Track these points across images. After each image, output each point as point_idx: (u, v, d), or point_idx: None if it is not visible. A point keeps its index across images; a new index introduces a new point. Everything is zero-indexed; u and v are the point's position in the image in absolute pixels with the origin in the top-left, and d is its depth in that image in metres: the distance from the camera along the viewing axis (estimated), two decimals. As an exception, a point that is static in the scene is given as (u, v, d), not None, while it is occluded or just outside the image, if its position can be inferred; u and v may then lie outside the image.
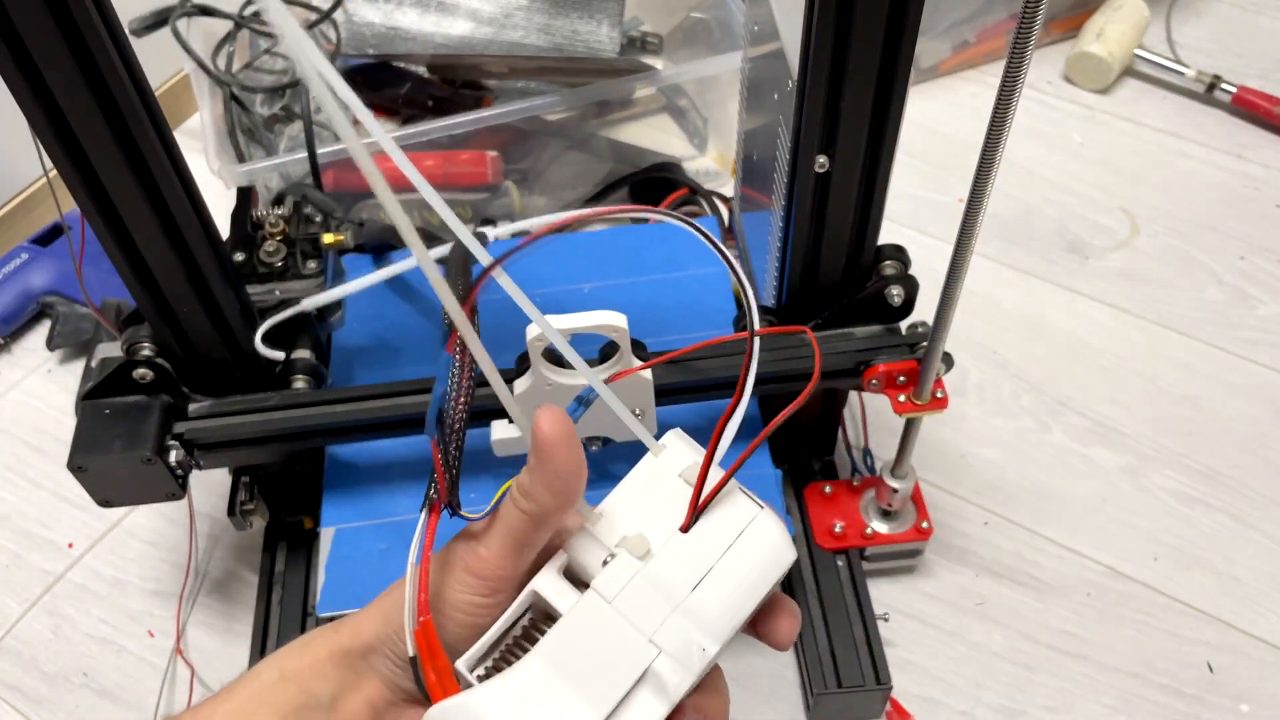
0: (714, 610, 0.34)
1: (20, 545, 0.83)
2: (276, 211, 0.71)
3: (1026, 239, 1.01)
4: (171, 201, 0.55)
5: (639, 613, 0.34)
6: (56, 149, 0.51)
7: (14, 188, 1.02)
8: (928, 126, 1.11)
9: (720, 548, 0.35)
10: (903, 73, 0.53)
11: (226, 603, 0.79)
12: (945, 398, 0.65)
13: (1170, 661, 0.74)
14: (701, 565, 0.35)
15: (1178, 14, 1.22)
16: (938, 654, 0.75)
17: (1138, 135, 1.10)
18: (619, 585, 0.34)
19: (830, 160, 0.57)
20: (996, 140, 0.48)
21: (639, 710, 0.33)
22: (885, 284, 0.64)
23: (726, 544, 0.35)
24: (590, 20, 0.95)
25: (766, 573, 0.35)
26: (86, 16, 0.47)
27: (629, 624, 0.33)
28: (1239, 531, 0.80)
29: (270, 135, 0.92)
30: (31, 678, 0.76)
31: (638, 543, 0.35)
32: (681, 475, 0.36)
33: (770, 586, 0.35)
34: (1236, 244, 1.00)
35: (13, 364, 0.95)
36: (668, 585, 0.34)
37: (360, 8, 0.94)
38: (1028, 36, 0.43)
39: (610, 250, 0.81)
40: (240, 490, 0.71)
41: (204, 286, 0.60)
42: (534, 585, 0.35)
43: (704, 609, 0.34)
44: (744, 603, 0.35)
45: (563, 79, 0.98)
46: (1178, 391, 0.89)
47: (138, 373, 0.62)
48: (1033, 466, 0.84)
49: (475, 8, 0.95)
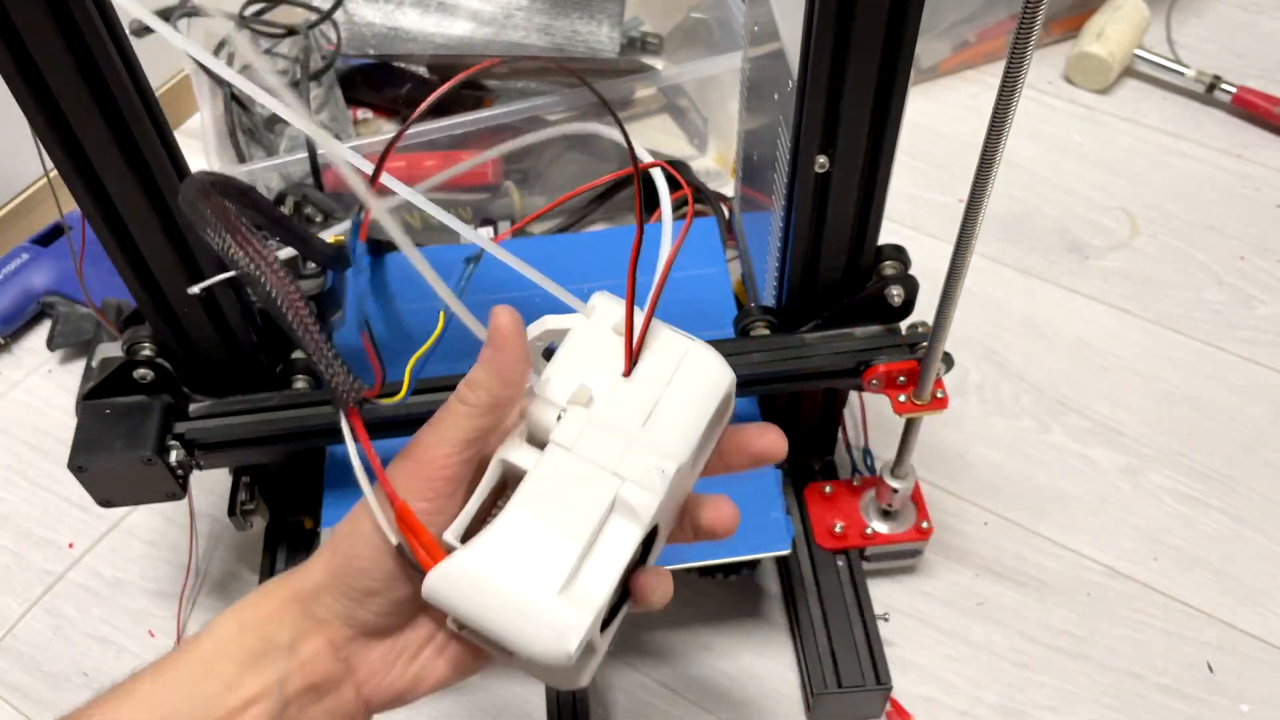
0: (667, 436, 0.37)
1: (20, 545, 0.83)
2: (277, 211, 0.71)
3: (1026, 239, 1.01)
4: (172, 202, 0.55)
5: (598, 453, 0.36)
6: (56, 149, 0.51)
7: (14, 188, 1.02)
8: (928, 126, 1.11)
9: (661, 382, 0.38)
10: (903, 73, 0.53)
11: (227, 603, 0.79)
12: (945, 398, 0.65)
13: (1170, 661, 0.74)
14: (647, 401, 0.38)
15: (1178, 14, 1.22)
16: (938, 654, 0.75)
17: (1138, 135, 1.10)
18: (575, 433, 0.37)
19: (830, 160, 0.57)
20: (996, 140, 0.48)
21: (615, 535, 0.36)
22: (885, 284, 0.64)
23: (666, 378, 0.38)
24: (590, 20, 0.95)
25: (708, 395, 0.38)
26: (86, 16, 0.47)
27: (591, 464, 0.36)
28: (1239, 531, 0.80)
29: (270, 135, 0.92)
30: (32, 678, 0.76)
31: (583, 394, 0.37)
32: (614, 329, 0.39)
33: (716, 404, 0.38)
34: (1236, 244, 1.00)
35: (13, 364, 0.95)
36: (619, 424, 0.37)
37: (360, 8, 0.94)
38: (1028, 36, 0.43)
39: (610, 250, 0.81)
40: (241, 490, 0.71)
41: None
42: (500, 454, 0.38)
43: (657, 437, 0.37)
44: (694, 424, 0.38)
45: (563, 79, 0.98)
46: (1178, 391, 0.89)
47: (138, 373, 0.62)
48: (1033, 466, 0.84)
49: (475, 8, 0.95)
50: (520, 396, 0.38)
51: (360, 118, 0.99)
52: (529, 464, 0.37)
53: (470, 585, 0.35)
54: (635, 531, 0.36)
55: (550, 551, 0.35)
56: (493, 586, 0.35)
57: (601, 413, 0.37)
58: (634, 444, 0.37)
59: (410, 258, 0.37)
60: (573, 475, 0.36)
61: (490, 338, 0.38)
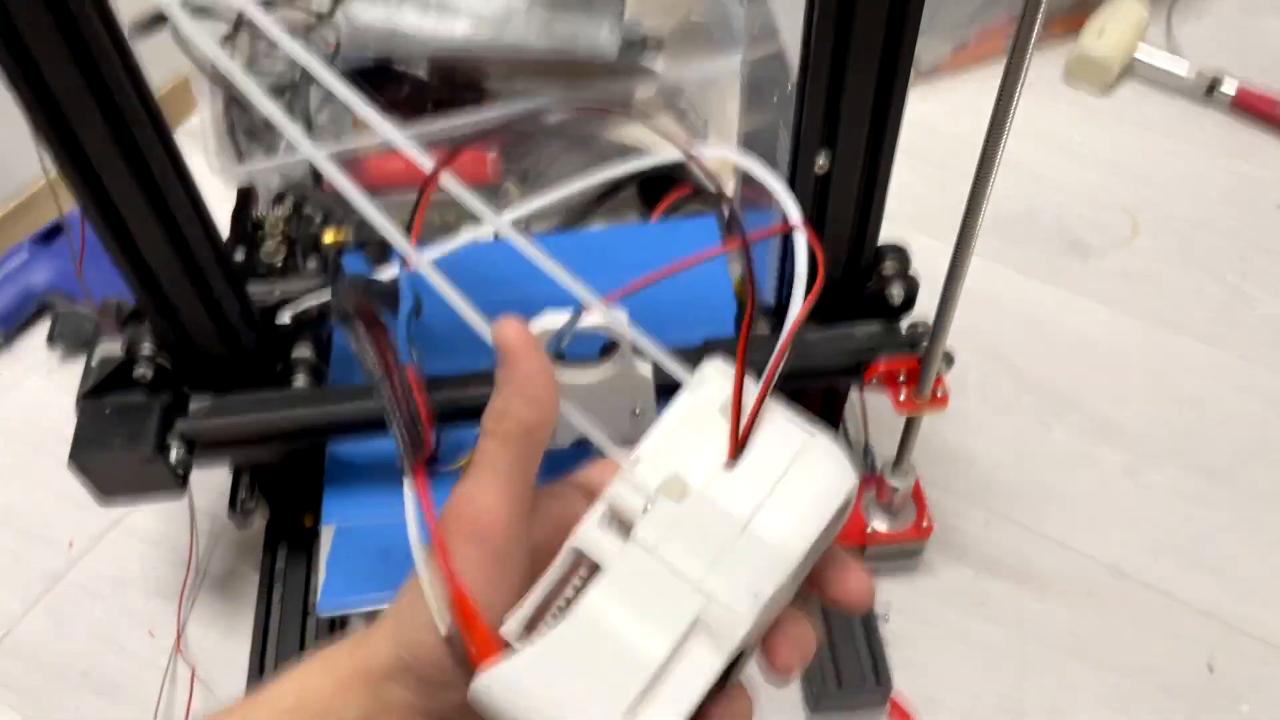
0: (766, 549, 0.32)
1: (21, 545, 0.83)
2: (276, 211, 0.71)
3: (1026, 239, 1.01)
4: (171, 201, 0.55)
5: (685, 561, 0.31)
6: (56, 149, 0.51)
7: (14, 188, 1.02)
8: (928, 126, 1.11)
9: (769, 480, 0.32)
10: (903, 73, 0.53)
11: (227, 601, 0.79)
12: (946, 396, 0.65)
13: (1170, 661, 0.74)
14: (750, 502, 0.32)
15: (1178, 14, 1.22)
16: (938, 654, 0.75)
17: (1138, 135, 1.10)
18: (661, 532, 0.32)
19: (830, 160, 0.57)
20: (996, 140, 0.48)
21: (692, 664, 0.31)
22: (885, 283, 0.64)
23: (776, 475, 0.32)
24: (590, 21, 0.95)
25: (823, 503, 0.33)
26: (86, 16, 0.47)
27: (673, 573, 0.31)
28: (1239, 531, 0.80)
29: (270, 135, 0.92)
30: (32, 676, 0.76)
31: (676, 486, 0.32)
32: (721, 409, 0.34)
33: (830, 517, 0.33)
34: (1236, 244, 1.00)
35: (13, 363, 0.95)
36: (714, 528, 0.32)
37: (360, 9, 0.94)
38: (1028, 36, 0.43)
39: (610, 250, 0.81)
40: (241, 488, 0.71)
41: (204, 286, 0.60)
42: (573, 541, 0.33)
43: (755, 550, 0.32)
44: (801, 537, 0.32)
45: (563, 80, 0.98)
46: (1178, 391, 0.89)
47: (138, 371, 0.62)
48: (1033, 465, 0.84)
49: (475, 9, 0.95)
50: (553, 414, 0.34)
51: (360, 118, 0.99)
52: (605, 559, 0.32)
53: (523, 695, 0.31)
54: (716, 660, 0.31)
55: (618, 669, 0.31)
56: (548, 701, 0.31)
57: (694, 511, 0.32)
58: (727, 555, 0.31)
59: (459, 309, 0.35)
60: (651, 585, 0.31)
61: (500, 358, 0.34)
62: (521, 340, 0.34)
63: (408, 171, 0.93)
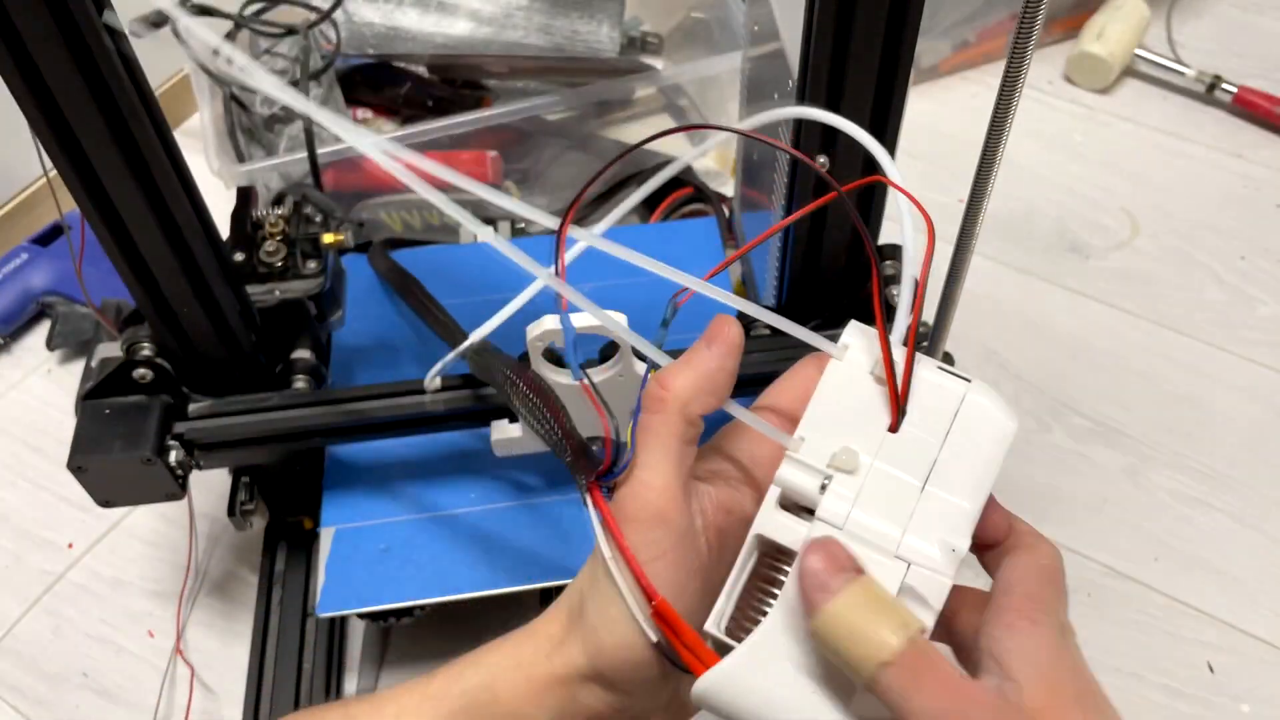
0: (950, 504, 0.32)
1: (20, 545, 0.83)
2: (276, 211, 0.71)
3: (1026, 239, 1.01)
4: (171, 201, 0.55)
5: (875, 532, 0.31)
6: (56, 149, 0.51)
7: (14, 188, 1.02)
8: (928, 126, 1.11)
9: (937, 437, 0.33)
10: (903, 73, 0.53)
11: (226, 603, 0.79)
12: (945, 398, 0.65)
13: (1170, 661, 0.74)
14: (922, 462, 0.32)
15: (1178, 14, 1.21)
16: (938, 654, 0.75)
17: (1138, 135, 1.10)
18: (845, 508, 0.32)
19: (830, 160, 0.57)
20: (996, 140, 0.48)
21: None
22: (885, 284, 0.64)
23: (942, 430, 0.33)
24: (590, 20, 0.95)
25: (994, 449, 0.33)
26: (86, 16, 0.47)
27: (868, 546, 0.31)
28: (1239, 531, 0.80)
29: (270, 135, 0.92)
30: (31, 678, 0.76)
31: (848, 458, 0.32)
32: (873, 372, 0.34)
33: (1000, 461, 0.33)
34: (1236, 244, 1.00)
35: (13, 364, 0.95)
36: (894, 494, 0.32)
37: (360, 8, 0.94)
38: (1028, 36, 0.43)
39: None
40: (240, 490, 0.71)
41: (204, 286, 0.60)
42: (756, 529, 0.33)
43: (940, 507, 0.32)
44: (979, 487, 0.32)
45: (563, 79, 0.98)
46: (1178, 391, 0.89)
47: (137, 373, 0.62)
48: (1033, 466, 0.84)
49: (475, 8, 0.95)
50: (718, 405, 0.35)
51: (360, 117, 0.99)
52: (792, 541, 0.32)
53: (748, 692, 0.31)
54: (928, 620, 0.31)
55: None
56: (777, 694, 0.30)
57: (872, 479, 0.32)
58: (915, 517, 0.32)
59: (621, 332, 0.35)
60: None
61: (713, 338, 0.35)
62: (738, 339, 0.35)
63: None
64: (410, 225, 0.95)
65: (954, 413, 0.33)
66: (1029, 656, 0.31)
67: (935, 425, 0.33)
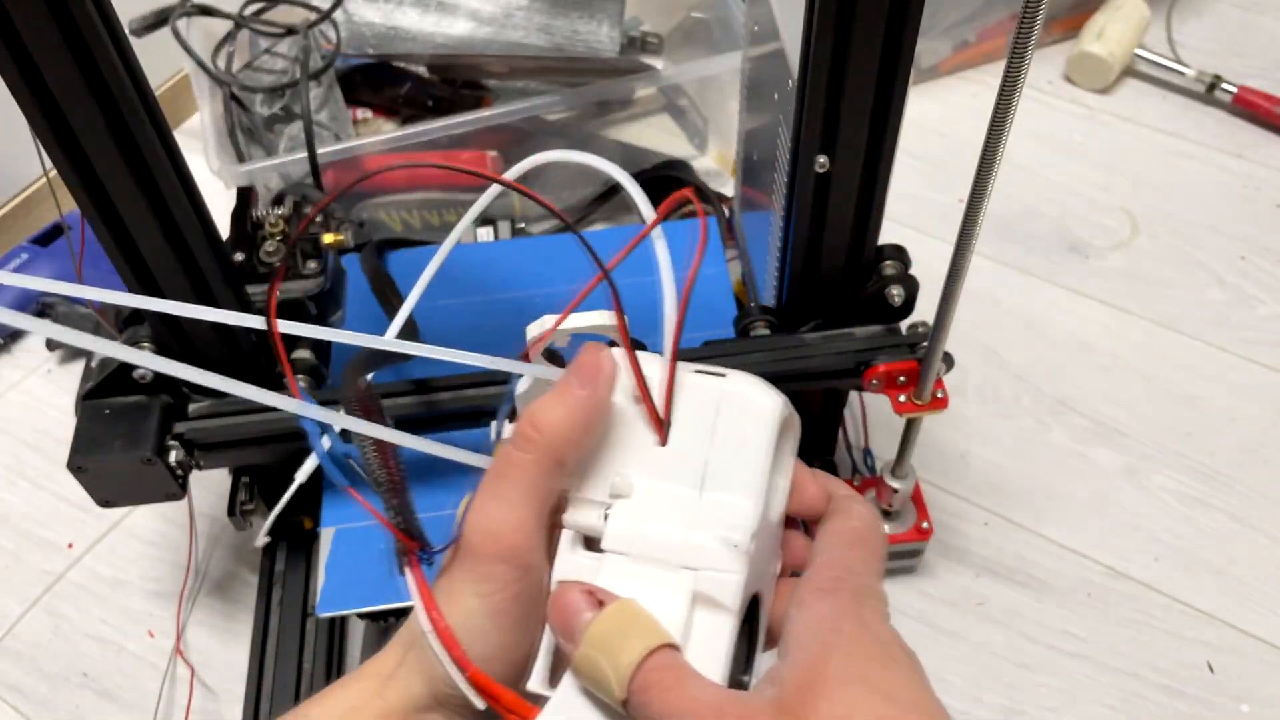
0: (727, 500, 0.32)
1: (20, 545, 0.83)
2: (276, 211, 0.71)
3: (1026, 239, 1.01)
4: (171, 201, 0.55)
5: (658, 547, 0.32)
6: (56, 149, 0.51)
7: (14, 188, 1.02)
8: (928, 126, 1.11)
9: (704, 438, 0.33)
10: (903, 73, 0.53)
11: (226, 603, 0.79)
12: (945, 398, 0.65)
13: (1170, 661, 0.74)
14: (695, 466, 0.33)
15: (1178, 14, 1.21)
16: (938, 654, 0.75)
17: (1138, 135, 1.10)
18: (627, 532, 0.32)
19: (830, 160, 0.57)
20: (996, 140, 0.48)
21: (706, 634, 0.31)
22: (885, 284, 0.64)
23: (708, 431, 0.33)
24: (590, 20, 0.95)
25: (761, 434, 0.33)
26: (86, 16, 0.47)
27: (654, 563, 0.32)
28: (1239, 531, 0.80)
29: (270, 135, 0.92)
30: (31, 678, 0.76)
31: (624, 484, 0.33)
32: (632, 395, 0.34)
33: (772, 440, 0.33)
34: (1236, 244, 1.00)
35: (13, 364, 0.95)
36: (673, 506, 0.32)
37: (360, 8, 0.94)
38: (1028, 36, 0.43)
39: (610, 250, 0.81)
40: (240, 490, 0.71)
41: (204, 286, 0.60)
42: (556, 575, 0.33)
43: (717, 506, 0.32)
44: (754, 474, 0.32)
45: (563, 79, 0.98)
46: (1178, 391, 0.89)
47: (137, 373, 0.62)
48: (1033, 466, 0.84)
49: (475, 8, 0.95)
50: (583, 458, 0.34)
51: (360, 117, 0.99)
52: (590, 579, 0.32)
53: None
54: (727, 621, 0.31)
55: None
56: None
57: (649, 500, 0.32)
58: (694, 524, 0.32)
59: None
60: (639, 581, 0.31)
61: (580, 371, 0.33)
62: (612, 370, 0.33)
63: (406, 171, 0.93)
64: (410, 225, 0.95)
65: (716, 410, 0.33)
66: (806, 631, 0.30)
67: (701, 428, 0.33)
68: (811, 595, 0.31)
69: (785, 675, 0.29)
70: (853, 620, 0.30)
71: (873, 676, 0.29)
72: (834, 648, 0.29)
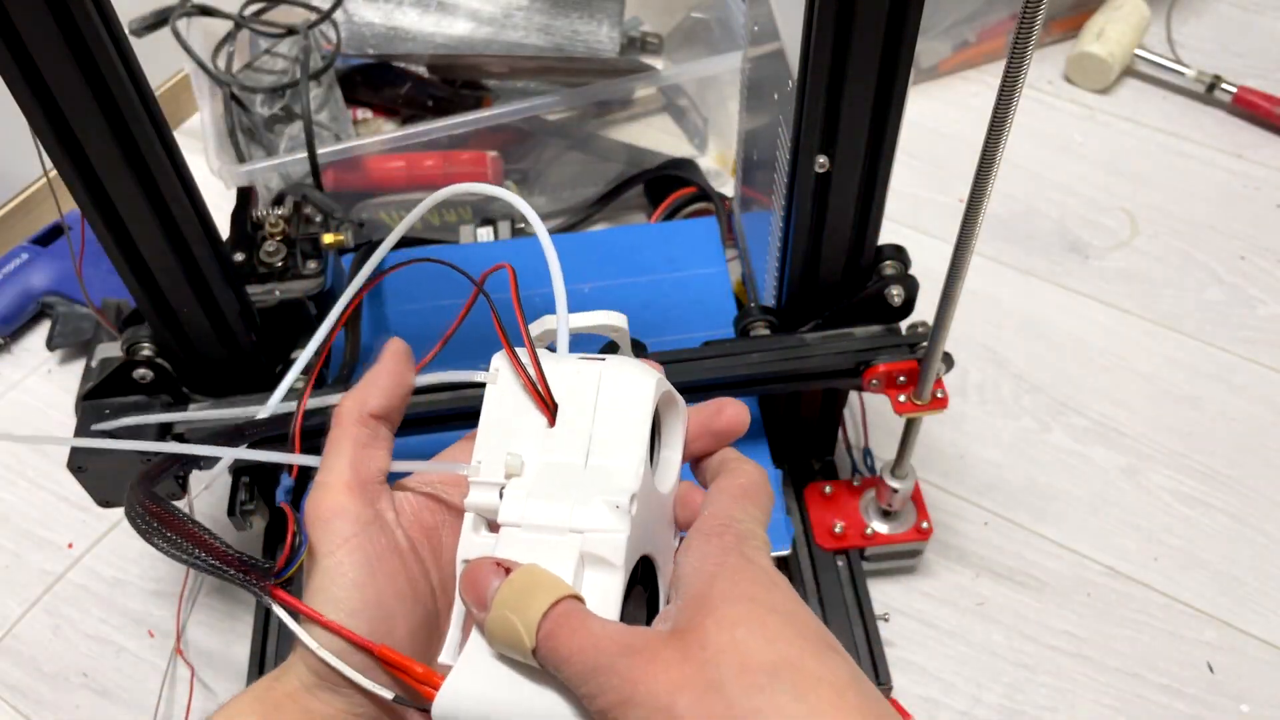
0: (610, 469, 0.35)
1: (20, 545, 0.83)
2: (276, 211, 0.71)
3: (1026, 239, 1.01)
4: (171, 201, 0.55)
5: (548, 516, 0.35)
6: (56, 149, 0.51)
7: (14, 188, 1.02)
8: (928, 126, 1.11)
9: (587, 416, 0.36)
10: (903, 73, 0.53)
11: (226, 603, 0.79)
12: (945, 398, 0.65)
13: (1170, 661, 0.74)
14: (580, 442, 0.36)
15: (1178, 14, 1.22)
16: (938, 654, 0.75)
17: (1138, 135, 1.10)
18: (519, 506, 0.35)
19: (830, 160, 0.57)
20: (996, 140, 0.48)
21: (598, 590, 0.33)
22: (885, 284, 0.64)
23: (590, 410, 0.36)
24: (590, 20, 0.95)
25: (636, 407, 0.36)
26: (86, 16, 0.47)
27: (544, 531, 0.34)
28: (1239, 531, 0.80)
29: (270, 135, 0.92)
30: (31, 678, 0.76)
31: (515, 463, 0.36)
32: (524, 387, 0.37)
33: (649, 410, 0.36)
34: (1236, 244, 1.00)
35: (13, 364, 0.95)
36: (560, 479, 0.35)
37: (360, 8, 0.94)
38: (1028, 36, 0.43)
39: (610, 250, 0.81)
40: (240, 490, 0.71)
41: (204, 286, 0.60)
42: (460, 555, 0.36)
43: (601, 475, 0.35)
44: (633, 443, 0.36)
45: (563, 79, 0.98)
46: (1178, 391, 0.89)
47: (137, 373, 0.62)
48: (1033, 466, 0.84)
49: (475, 8, 0.95)
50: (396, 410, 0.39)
51: (360, 117, 0.99)
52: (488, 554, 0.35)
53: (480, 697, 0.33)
54: (615, 577, 0.34)
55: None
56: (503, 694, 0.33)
57: (540, 476, 0.36)
58: (580, 492, 0.35)
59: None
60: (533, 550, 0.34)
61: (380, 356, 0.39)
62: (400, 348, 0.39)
63: (406, 170, 0.93)
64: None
65: (597, 390, 0.37)
66: (692, 570, 0.33)
67: (585, 407, 0.36)
68: (698, 539, 0.34)
69: (678, 609, 0.32)
70: (736, 555, 0.33)
71: (758, 595, 0.31)
72: (719, 577, 0.32)
